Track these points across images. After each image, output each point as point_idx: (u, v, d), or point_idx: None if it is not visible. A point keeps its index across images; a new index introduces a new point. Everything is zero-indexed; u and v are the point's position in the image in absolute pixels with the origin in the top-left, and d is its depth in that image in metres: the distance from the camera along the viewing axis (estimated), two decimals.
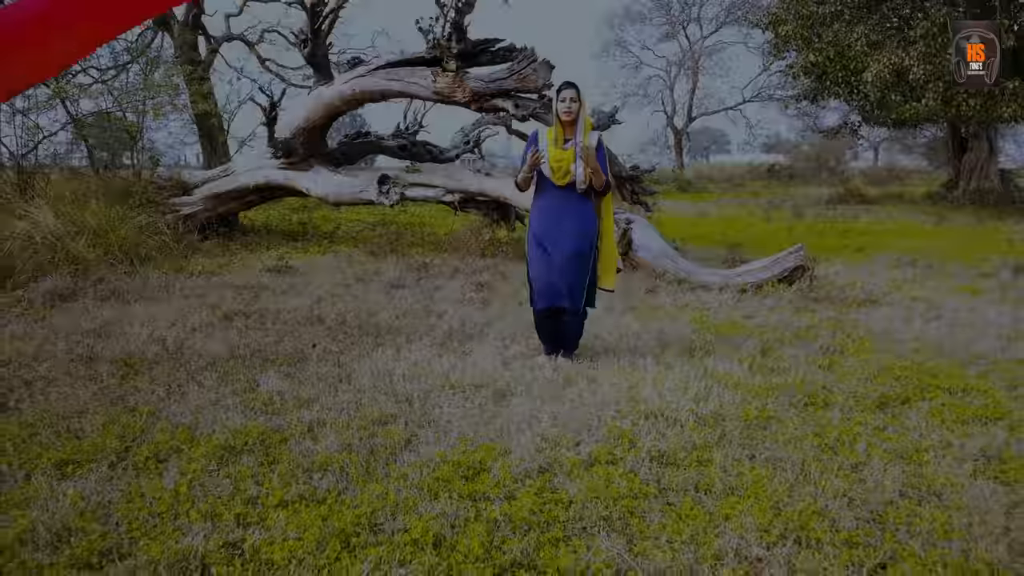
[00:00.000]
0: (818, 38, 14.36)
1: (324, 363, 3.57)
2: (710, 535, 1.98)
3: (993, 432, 2.67)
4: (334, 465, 2.37)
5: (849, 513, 2.08)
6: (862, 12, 13.86)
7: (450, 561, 1.83)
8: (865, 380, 3.33)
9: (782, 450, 2.53)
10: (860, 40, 13.42)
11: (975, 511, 2.09)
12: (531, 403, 2.97)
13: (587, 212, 3.54)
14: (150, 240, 7.00)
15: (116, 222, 6.79)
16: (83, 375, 3.29)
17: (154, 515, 2.03)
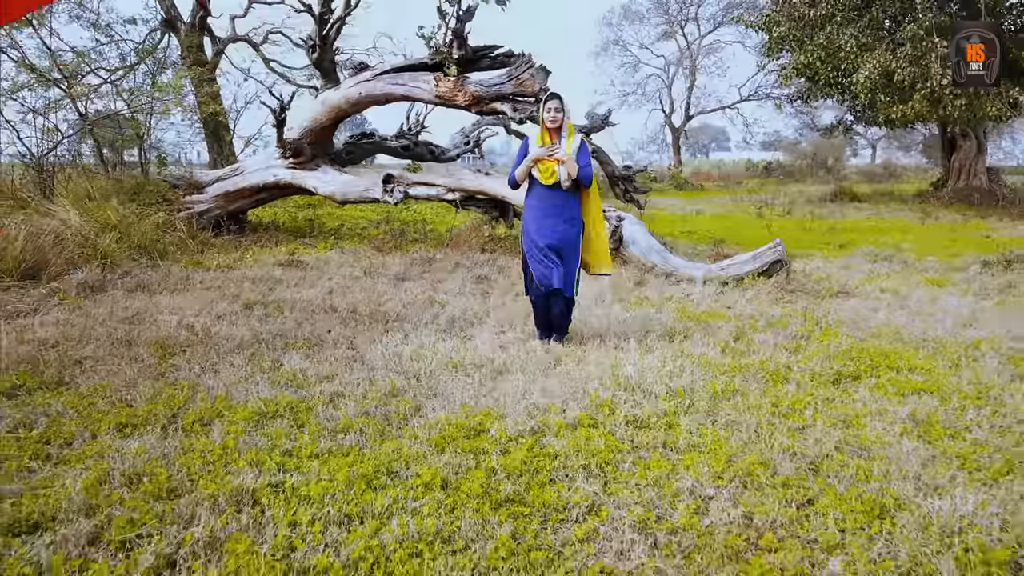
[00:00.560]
0: (810, 40, 14.72)
1: (339, 346, 3.97)
2: (671, 480, 2.37)
3: (926, 402, 3.07)
4: (354, 427, 2.77)
5: (789, 463, 2.48)
6: (852, 15, 14.22)
7: (454, 498, 2.23)
8: (823, 360, 3.73)
9: (740, 416, 2.92)
10: (850, 42, 13.77)
11: (895, 462, 2.49)
12: (525, 378, 3.37)
13: (573, 206, 3.93)
14: (167, 236, 7.41)
15: (136, 219, 7.19)
16: (125, 356, 3.69)
17: (207, 463, 2.43)
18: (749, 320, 4.72)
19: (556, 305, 3.98)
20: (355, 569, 1.83)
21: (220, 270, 6.42)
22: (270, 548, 1.90)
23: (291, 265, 6.73)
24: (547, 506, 2.19)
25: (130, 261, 6.21)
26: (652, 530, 2.06)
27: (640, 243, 6.50)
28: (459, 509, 2.15)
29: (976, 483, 2.32)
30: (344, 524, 2.05)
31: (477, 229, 8.19)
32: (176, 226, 7.75)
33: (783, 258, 5.96)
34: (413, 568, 1.84)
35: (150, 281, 5.65)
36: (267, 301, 5.08)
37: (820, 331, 4.43)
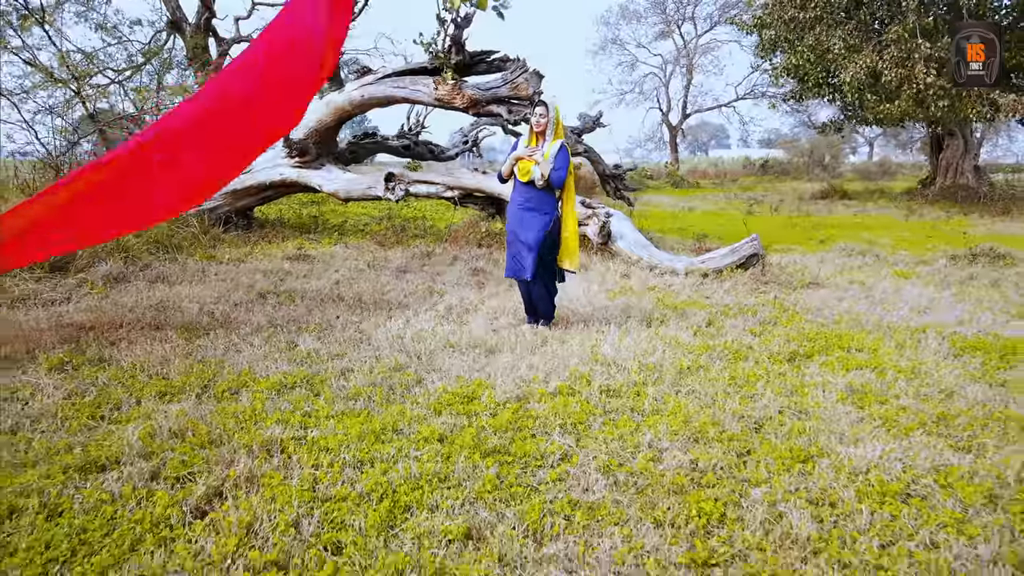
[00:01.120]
0: (799, 41, 15.12)
1: (347, 329, 4.39)
2: (634, 436, 2.79)
3: (864, 375, 3.49)
4: (364, 394, 3.19)
5: (737, 424, 2.90)
6: (840, 17, 14.62)
7: (449, 449, 2.65)
8: (783, 342, 4.15)
9: (701, 387, 3.35)
10: (838, 44, 14.17)
11: (827, 422, 2.91)
12: (513, 356, 3.79)
13: (549, 202, 4.32)
14: (180, 232, 7.81)
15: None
16: (156, 337, 4.11)
17: (240, 422, 2.84)
18: (723, 308, 5.14)
19: (534, 291, 4.40)
20: (368, 498, 2.25)
21: (232, 263, 6.84)
22: (298, 482, 2.32)
23: (299, 259, 7.15)
24: (527, 455, 2.61)
25: (148, 255, 6.62)
26: (614, 472, 2.48)
27: (627, 238, 6.92)
28: (453, 457, 2.57)
29: (890, 438, 2.74)
30: (358, 467, 2.48)
31: (474, 225, 8.60)
32: (189, 222, 8.17)
33: (759, 252, 6.37)
34: (415, 498, 2.26)
35: (169, 273, 6.06)
36: (279, 291, 5.50)
37: (786, 317, 4.85)
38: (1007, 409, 3.01)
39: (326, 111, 8.76)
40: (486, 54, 7.89)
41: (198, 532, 2.04)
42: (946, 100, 13.02)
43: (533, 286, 4.36)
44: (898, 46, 13.11)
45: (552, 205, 4.34)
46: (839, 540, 2.02)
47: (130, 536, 2.00)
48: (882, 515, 2.15)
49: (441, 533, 2.05)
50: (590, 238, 7.08)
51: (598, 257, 6.98)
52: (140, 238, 6.70)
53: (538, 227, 4.29)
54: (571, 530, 2.11)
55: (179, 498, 2.21)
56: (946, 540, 2.01)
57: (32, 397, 3.12)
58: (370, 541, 2.00)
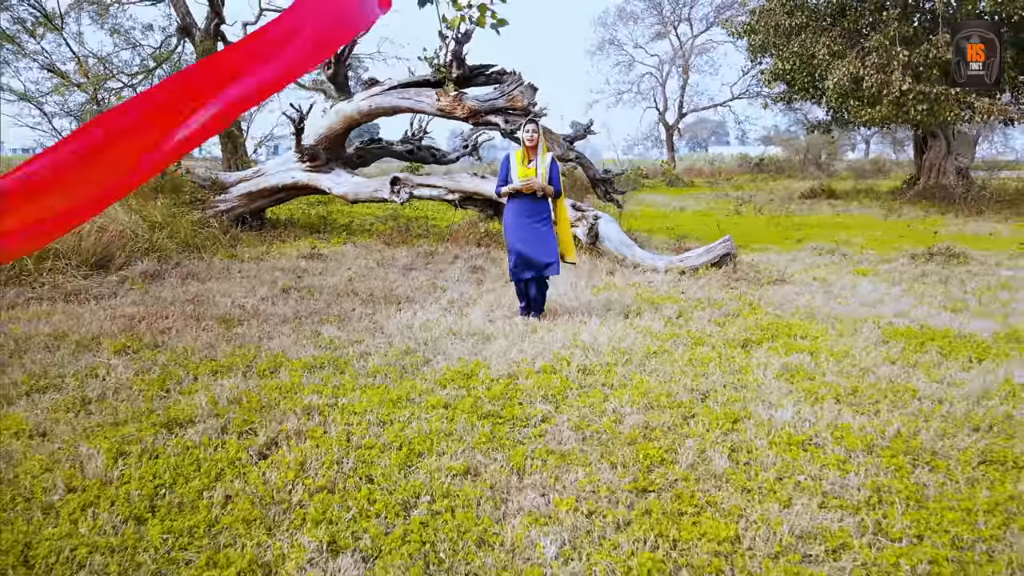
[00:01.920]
0: (786, 47, 15.74)
1: (363, 320, 5.04)
2: (602, 404, 3.45)
3: (801, 358, 4.15)
4: (381, 372, 3.85)
5: (686, 395, 3.55)
6: (825, 24, 15.25)
7: (452, 413, 3.30)
8: (740, 331, 4.80)
9: (662, 367, 4.00)
10: (823, 50, 14.79)
11: (759, 393, 3.57)
12: (507, 342, 4.45)
13: (544, 211, 4.99)
14: (202, 232, 8.47)
15: (176, 217, 8.25)
16: (198, 327, 4.76)
17: (282, 393, 3.50)
18: (695, 302, 5.79)
19: (531, 288, 5.07)
20: (390, 447, 2.91)
21: (253, 261, 7.49)
22: (336, 435, 2.98)
23: (313, 257, 7.81)
24: (515, 417, 3.27)
25: (178, 254, 7.28)
26: (583, 430, 3.14)
27: (613, 239, 7.57)
28: (456, 419, 3.23)
29: (806, 405, 3.40)
30: (380, 425, 3.13)
31: (473, 226, 9.25)
32: (210, 223, 8.82)
33: (731, 251, 7.02)
34: (426, 447, 2.92)
35: (198, 271, 6.72)
36: (299, 287, 6.15)
37: (748, 310, 5.51)
38: (908, 383, 3.67)
39: (336, 119, 9.41)
40: (484, 68, 8.53)
41: (263, 468, 2.70)
42: (925, 104, 13.64)
43: (532, 285, 5.02)
44: (879, 53, 13.74)
45: (548, 211, 4.99)
46: (745, 473, 2.68)
47: (214, 470, 2.66)
48: (784, 458, 2.81)
49: (447, 470, 2.71)
50: (579, 238, 7.73)
51: (587, 256, 7.63)
52: (172, 239, 7.34)
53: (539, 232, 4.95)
54: (546, 469, 2.76)
55: (245, 445, 2.87)
56: (827, 473, 2.67)
57: (107, 374, 3.77)
58: (394, 474, 2.66)
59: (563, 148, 8.44)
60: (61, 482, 2.54)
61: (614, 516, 2.39)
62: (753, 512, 2.40)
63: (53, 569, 2.06)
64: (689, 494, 2.53)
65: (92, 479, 2.57)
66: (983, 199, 13.75)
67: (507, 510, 2.45)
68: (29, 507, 2.40)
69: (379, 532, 2.26)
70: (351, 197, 9.58)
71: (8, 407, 3.29)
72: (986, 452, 2.83)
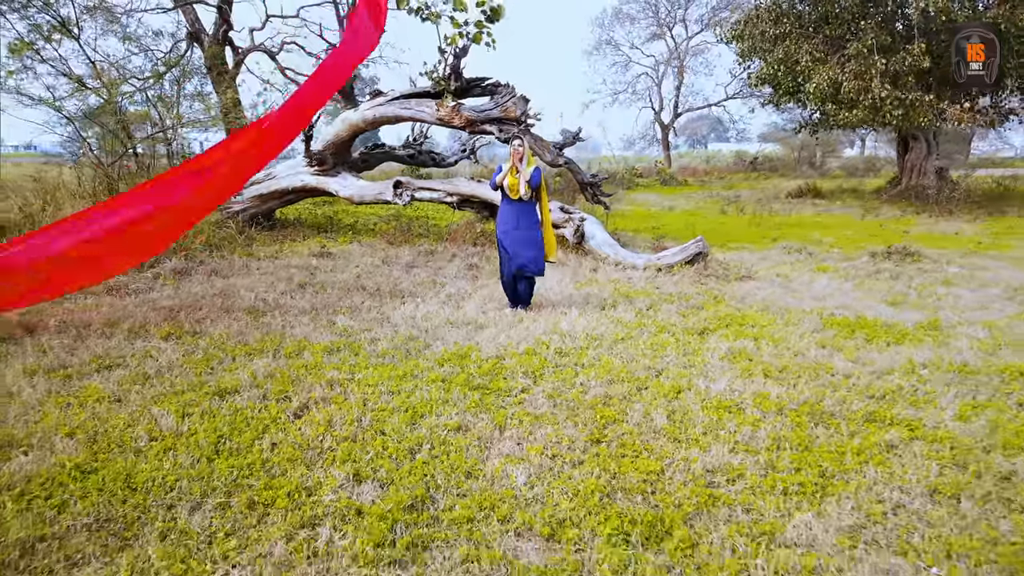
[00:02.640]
0: (771, 53, 16.42)
1: (371, 312, 5.77)
2: (573, 379, 4.17)
3: (745, 343, 4.87)
4: (389, 354, 4.57)
5: (644, 372, 4.28)
6: (808, 32, 15.93)
7: (449, 385, 4.02)
8: (700, 321, 5.52)
9: (627, 351, 4.73)
10: (806, 56, 15.47)
11: (703, 371, 4.29)
12: (496, 330, 5.17)
13: (531, 213, 5.71)
14: (220, 232, 9.18)
15: None
16: (229, 317, 5.49)
17: (308, 370, 4.23)
18: (666, 296, 6.51)
19: (520, 283, 5.79)
20: (398, 409, 3.63)
21: (268, 259, 8.21)
22: (354, 401, 3.70)
23: (323, 255, 8.53)
24: (500, 389, 3.99)
25: (201, 253, 8.00)
26: (554, 398, 3.86)
27: (597, 238, 8.29)
28: (451, 389, 3.95)
29: (739, 379, 4.12)
30: (390, 394, 3.86)
31: (471, 226, 9.97)
32: (227, 224, 9.54)
33: (703, 250, 7.74)
34: (428, 410, 3.64)
35: (221, 268, 7.44)
36: (313, 282, 6.88)
37: (712, 303, 6.23)
38: (828, 363, 4.39)
39: (342, 127, 10.11)
40: (480, 80, 9.23)
41: (299, 425, 3.42)
42: (901, 109, 14.34)
43: (521, 281, 5.75)
44: (857, 61, 14.42)
45: (535, 213, 5.71)
46: (678, 429, 3.40)
47: (260, 426, 3.39)
48: (711, 418, 3.53)
49: (443, 426, 3.43)
50: (567, 238, 8.46)
51: (573, 255, 8.36)
52: (197, 239, 8.07)
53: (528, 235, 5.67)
54: (522, 426, 3.49)
55: (283, 408, 3.60)
56: (742, 428, 3.39)
57: (159, 355, 4.50)
58: (401, 429, 3.39)
59: (553, 154, 9.13)
60: (144, 433, 3.27)
61: (572, 458, 3.11)
62: (678, 455, 3.12)
63: (151, 491, 2.78)
64: (631, 443, 3.25)
65: (167, 432, 3.30)
66: (953, 200, 14.41)
67: (489, 454, 3.18)
68: (123, 451, 3.12)
69: (392, 467, 2.99)
70: (356, 199, 10.29)
71: (86, 380, 4.02)
72: (873, 414, 3.56)
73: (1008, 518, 2.54)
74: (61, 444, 3.14)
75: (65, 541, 2.43)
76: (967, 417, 3.47)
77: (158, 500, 2.71)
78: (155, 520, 2.57)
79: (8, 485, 2.77)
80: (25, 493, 2.72)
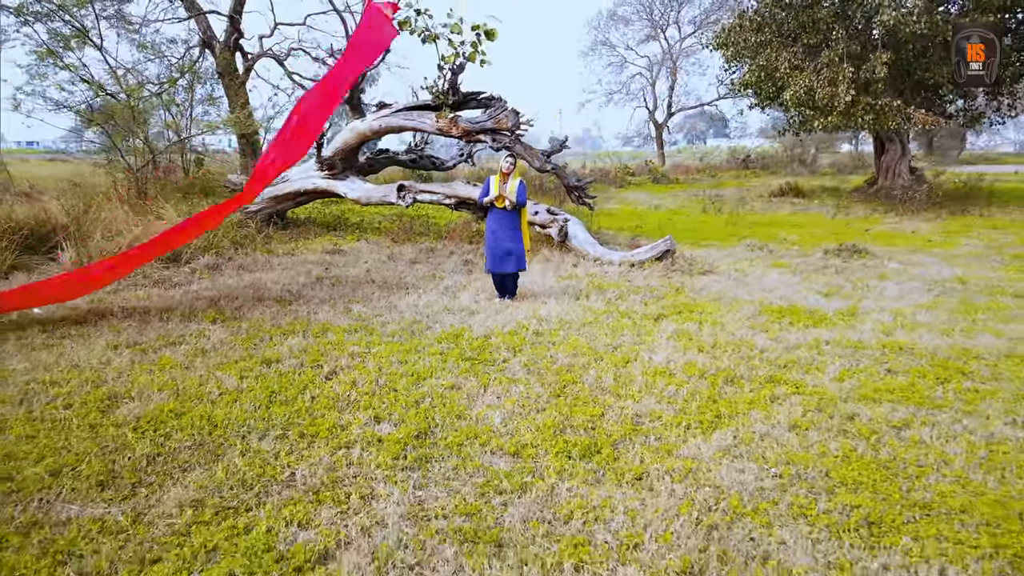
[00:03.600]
0: (752, 60, 17.42)
1: (381, 301, 6.81)
2: (546, 353, 5.21)
3: (690, 326, 5.90)
4: (397, 334, 5.61)
5: (603, 348, 5.31)
6: (786, 41, 16.90)
7: (446, 357, 5.07)
8: (658, 308, 6.56)
9: (592, 332, 5.77)
10: (784, 64, 16.46)
11: (650, 347, 5.33)
12: (485, 316, 6.21)
13: (515, 220, 6.75)
14: (241, 231, 10.21)
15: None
16: (262, 305, 6.52)
17: (333, 346, 5.27)
18: (634, 288, 7.54)
19: (506, 279, 6.84)
20: (406, 374, 4.67)
21: (286, 256, 9.25)
22: (371, 368, 4.75)
23: (335, 252, 9.56)
24: (486, 360, 5.03)
25: (227, 250, 9.04)
26: (528, 367, 4.90)
27: (579, 237, 9.33)
28: (447, 360, 4.99)
29: (676, 352, 5.16)
30: (399, 364, 4.90)
31: (467, 225, 11.00)
32: (247, 223, 10.57)
33: (671, 248, 8.78)
34: (429, 373, 4.68)
35: (247, 263, 8.49)
36: (329, 276, 7.92)
37: (673, 294, 7.26)
38: (751, 340, 5.43)
39: (351, 135, 11.13)
40: (476, 94, 10.25)
41: (331, 384, 4.47)
42: (871, 114, 15.36)
43: (506, 278, 6.79)
44: (830, 69, 15.42)
45: (517, 220, 6.75)
46: (621, 388, 4.45)
47: (301, 384, 4.43)
48: (648, 380, 4.57)
49: (441, 386, 4.48)
50: (553, 237, 9.49)
51: (558, 252, 9.39)
52: (225, 237, 9.11)
53: (513, 236, 6.72)
54: (500, 386, 4.52)
55: (317, 373, 4.64)
56: (670, 387, 4.43)
57: (210, 335, 5.54)
58: (409, 387, 4.43)
59: (541, 161, 10.15)
60: (214, 389, 4.32)
61: (536, 407, 4.16)
62: (616, 405, 4.17)
63: (228, 426, 3.83)
64: (583, 397, 4.30)
65: (231, 389, 4.35)
66: (914, 200, 15.42)
67: (475, 404, 4.22)
68: (201, 401, 4.17)
69: (402, 412, 4.04)
70: (363, 201, 11.31)
71: (158, 352, 5.07)
72: (773, 377, 4.60)
73: (838, 440, 3.59)
74: (156, 396, 4.19)
75: (175, 456, 3.48)
76: (842, 379, 4.52)
77: (234, 432, 3.76)
78: (235, 444, 3.62)
79: (127, 421, 3.82)
80: (138, 427, 3.77)
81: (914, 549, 2.62)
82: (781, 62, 16.57)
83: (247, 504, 3.02)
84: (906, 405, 4.09)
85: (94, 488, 3.13)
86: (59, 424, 3.80)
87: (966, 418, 3.90)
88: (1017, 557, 2.58)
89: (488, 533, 2.78)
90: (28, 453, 3.45)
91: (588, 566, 2.57)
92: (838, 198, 18.82)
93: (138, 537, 2.75)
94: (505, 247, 6.70)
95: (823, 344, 5.33)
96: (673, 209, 16.75)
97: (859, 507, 2.94)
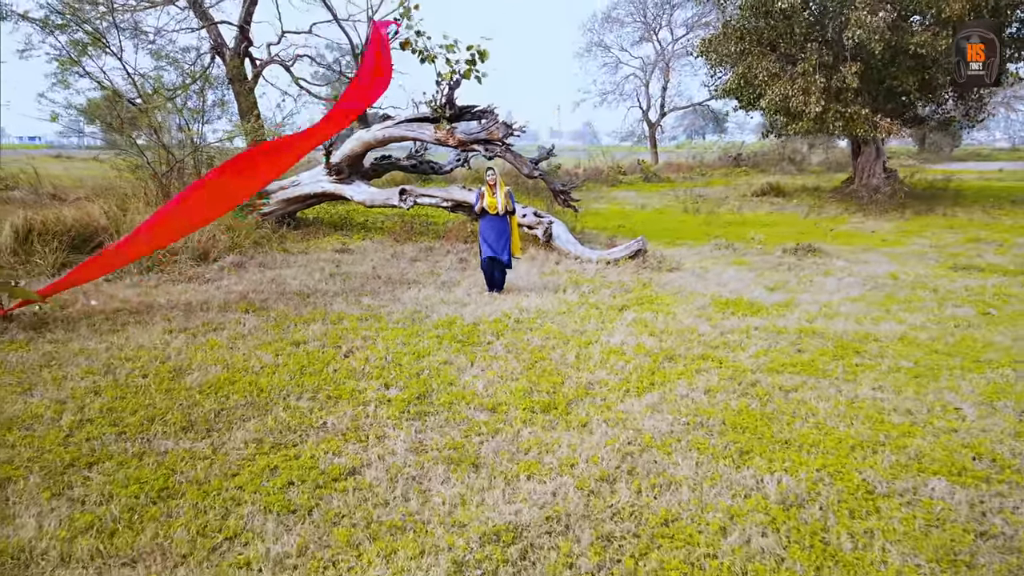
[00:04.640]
0: (733, 68, 18.47)
1: (386, 294, 7.92)
2: (526, 337, 6.32)
3: (648, 315, 7.01)
4: (401, 321, 6.73)
5: (571, 333, 6.42)
6: (765, 50, 17.95)
7: (440, 341, 6.18)
8: (623, 301, 7.66)
9: (564, 320, 6.87)
10: (762, 73, 17.51)
11: (612, 332, 6.44)
12: (476, 307, 7.32)
13: (505, 224, 7.87)
14: (259, 231, 11.31)
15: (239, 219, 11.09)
16: (285, 298, 7.63)
17: (348, 331, 6.39)
18: (607, 283, 8.65)
19: (496, 273, 7.96)
20: (409, 353, 5.78)
21: (300, 254, 10.36)
22: (381, 348, 5.86)
23: (343, 251, 10.67)
24: (474, 342, 6.14)
25: (249, 249, 10.14)
26: (508, 348, 6.01)
27: (562, 238, 10.43)
28: (443, 342, 6.10)
29: (630, 336, 6.27)
30: (403, 345, 6.01)
31: (462, 226, 12.10)
32: (262, 224, 11.67)
33: (643, 247, 9.88)
34: (428, 352, 5.79)
35: (267, 261, 9.59)
36: (339, 272, 9.03)
37: (640, 288, 8.37)
38: (695, 327, 6.54)
39: (357, 144, 12.22)
40: (470, 108, 11.34)
41: (348, 361, 5.58)
42: (841, 121, 16.42)
43: (496, 272, 7.91)
44: (804, 78, 16.48)
45: (508, 223, 7.86)
46: (581, 362, 5.56)
47: (325, 360, 5.55)
48: (603, 357, 5.68)
49: (437, 361, 5.59)
50: (539, 237, 10.59)
51: (543, 251, 10.49)
52: (247, 238, 10.22)
53: (503, 236, 7.83)
54: (485, 362, 5.63)
55: (337, 352, 5.76)
56: (620, 363, 5.54)
57: (245, 322, 6.65)
58: (411, 363, 5.54)
59: (529, 168, 11.24)
60: (257, 364, 5.44)
61: (512, 376, 5.27)
62: (575, 375, 5.28)
63: (271, 391, 4.94)
64: (549, 369, 5.42)
65: (269, 364, 5.47)
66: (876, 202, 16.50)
67: (464, 376, 5.34)
68: (247, 373, 5.28)
69: (406, 380, 5.15)
70: (368, 203, 12.42)
71: (205, 336, 6.18)
72: (704, 355, 5.71)
73: (738, 400, 4.71)
74: (212, 369, 5.31)
75: (234, 411, 4.59)
76: (758, 356, 5.64)
77: (276, 395, 4.87)
78: (278, 403, 4.73)
79: (193, 386, 4.94)
80: (203, 391, 4.89)
81: (764, 466, 3.74)
82: (759, 70, 17.63)
83: (293, 441, 4.14)
84: (802, 376, 5.21)
85: (180, 431, 4.26)
86: (141, 389, 4.92)
87: (844, 384, 5.01)
88: (835, 472, 3.70)
89: (469, 458, 3.90)
90: (124, 408, 4.57)
91: (537, 476, 3.69)
92: (816, 198, 19.89)
93: (219, 461, 3.87)
94: (494, 245, 7.81)
95: (752, 329, 6.45)
96: (658, 208, 17.84)
97: (738, 443, 4.06)
